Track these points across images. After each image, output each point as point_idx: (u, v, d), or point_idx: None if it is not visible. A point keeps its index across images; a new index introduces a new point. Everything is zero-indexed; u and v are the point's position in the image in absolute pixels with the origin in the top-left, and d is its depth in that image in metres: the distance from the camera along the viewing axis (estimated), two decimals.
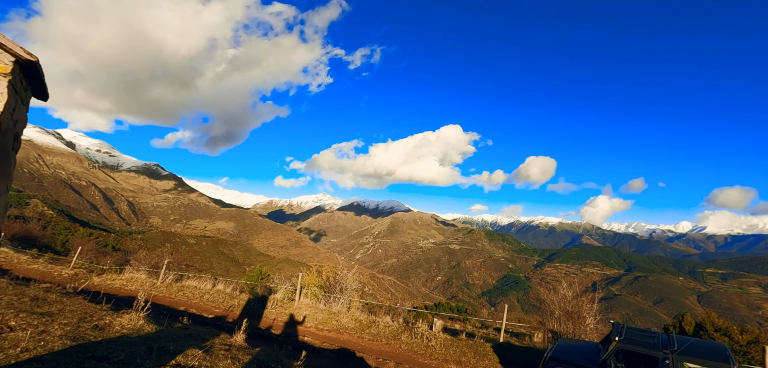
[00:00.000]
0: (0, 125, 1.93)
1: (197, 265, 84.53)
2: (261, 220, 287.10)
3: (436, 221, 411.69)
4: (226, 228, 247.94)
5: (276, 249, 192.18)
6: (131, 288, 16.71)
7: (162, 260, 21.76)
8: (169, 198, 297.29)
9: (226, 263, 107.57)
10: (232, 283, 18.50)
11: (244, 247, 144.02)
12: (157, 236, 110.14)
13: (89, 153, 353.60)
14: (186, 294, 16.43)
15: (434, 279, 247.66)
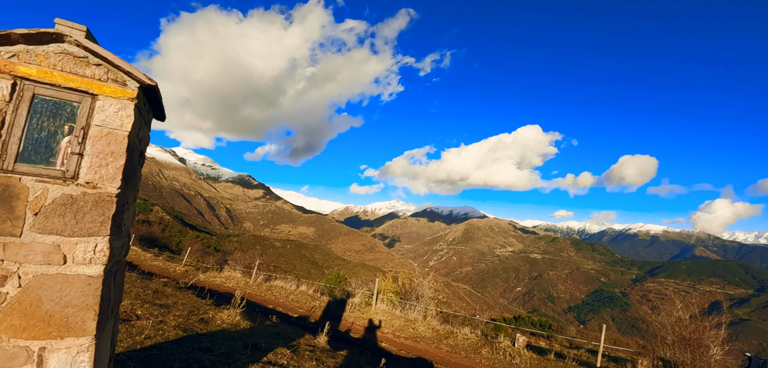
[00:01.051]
0: (128, 143, 2.15)
1: (282, 266, 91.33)
2: (338, 226, 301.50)
3: (514, 228, 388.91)
4: (307, 233, 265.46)
5: (352, 254, 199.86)
6: (229, 286, 18.63)
7: (254, 261, 23.98)
8: (258, 205, 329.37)
9: (307, 266, 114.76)
10: (313, 285, 19.54)
11: (323, 251, 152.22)
12: (249, 239, 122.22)
13: (196, 167, 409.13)
14: (274, 293, 17.79)
15: (513, 290, 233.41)
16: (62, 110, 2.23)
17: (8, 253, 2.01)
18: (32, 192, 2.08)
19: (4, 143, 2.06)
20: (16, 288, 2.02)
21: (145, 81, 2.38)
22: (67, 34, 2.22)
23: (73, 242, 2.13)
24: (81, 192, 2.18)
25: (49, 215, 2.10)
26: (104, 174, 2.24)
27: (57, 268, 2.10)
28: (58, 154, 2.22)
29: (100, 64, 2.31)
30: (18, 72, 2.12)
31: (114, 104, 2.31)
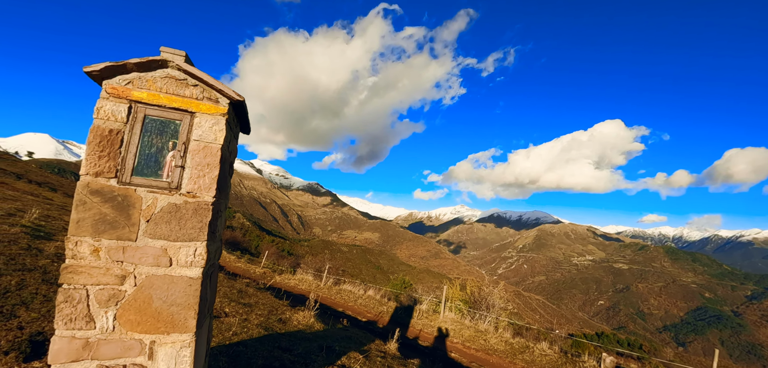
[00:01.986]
0: (221, 155, 2.30)
1: (349, 270, 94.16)
2: (402, 231, 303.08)
3: (594, 235, 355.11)
4: (372, 238, 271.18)
5: (416, 260, 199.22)
6: (302, 288, 19.65)
7: (323, 265, 25.03)
8: (326, 212, 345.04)
9: (372, 271, 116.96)
10: (380, 290, 19.75)
11: (388, 256, 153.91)
12: (319, 244, 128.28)
13: (271, 177, 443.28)
14: (343, 296, 18.35)
15: (594, 304, 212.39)
16: (167, 128, 2.49)
17: (126, 255, 2.29)
18: (145, 201, 2.35)
19: (123, 159, 2.35)
20: (132, 286, 2.29)
21: (234, 97, 2.56)
22: (170, 60, 2.47)
23: (177, 246, 2.36)
24: (183, 201, 2.41)
25: (158, 222, 2.35)
26: (202, 184, 2.45)
27: (164, 270, 2.34)
28: (164, 167, 2.48)
29: (197, 84, 2.54)
30: (132, 96, 2.40)
31: (209, 120, 2.52)
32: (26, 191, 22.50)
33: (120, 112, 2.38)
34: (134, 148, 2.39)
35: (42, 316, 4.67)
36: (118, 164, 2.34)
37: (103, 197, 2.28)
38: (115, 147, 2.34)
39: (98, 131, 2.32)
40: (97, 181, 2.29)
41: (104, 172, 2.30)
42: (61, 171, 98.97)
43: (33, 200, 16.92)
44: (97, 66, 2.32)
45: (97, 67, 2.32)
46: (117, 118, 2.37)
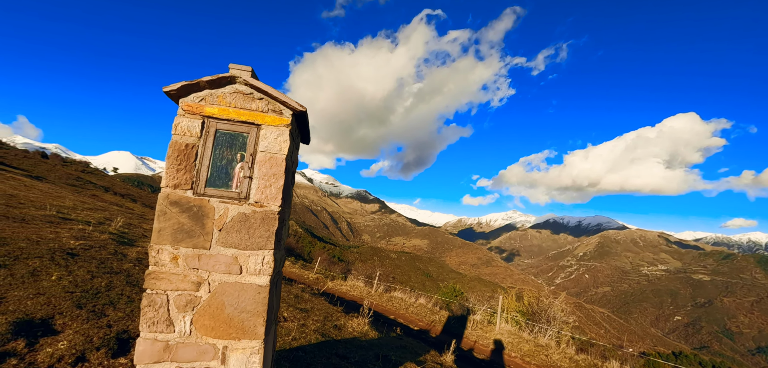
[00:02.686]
0: (286, 165, 2.33)
1: (398, 277, 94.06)
2: (451, 238, 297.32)
3: (667, 242, 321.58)
4: (421, 245, 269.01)
5: (467, 267, 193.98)
6: (353, 294, 19.92)
7: (374, 272, 25.21)
8: (375, 219, 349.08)
9: (421, 278, 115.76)
10: (431, 298, 19.43)
11: (437, 263, 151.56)
12: (368, 251, 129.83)
13: (321, 185, 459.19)
14: (394, 304, 18.29)
15: (670, 319, 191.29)
16: (236, 141, 2.59)
17: (201, 263, 2.41)
18: (217, 212, 2.46)
19: (198, 171, 2.49)
20: (206, 293, 2.40)
21: (297, 108, 2.61)
22: (238, 76, 2.58)
23: (246, 255, 2.44)
24: (251, 211, 2.49)
25: (229, 231, 2.45)
26: (268, 194, 2.52)
27: (235, 277, 2.43)
28: (233, 178, 2.58)
29: (262, 97, 2.63)
30: (205, 112, 2.54)
31: (273, 132, 2.59)
32: (112, 202, 25.34)
33: (194, 127, 2.53)
34: (207, 161, 2.52)
35: (126, 316, 5.14)
36: (194, 176, 2.48)
37: (181, 208, 2.42)
38: (191, 160, 2.48)
39: (176, 145, 2.47)
40: (176, 192, 2.44)
41: (181, 184, 2.45)
42: (139, 184, 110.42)
43: (118, 210, 19.00)
44: (174, 86, 2.49)
45: (174, 86, 2.49)
46: (192, 133, 2.51)
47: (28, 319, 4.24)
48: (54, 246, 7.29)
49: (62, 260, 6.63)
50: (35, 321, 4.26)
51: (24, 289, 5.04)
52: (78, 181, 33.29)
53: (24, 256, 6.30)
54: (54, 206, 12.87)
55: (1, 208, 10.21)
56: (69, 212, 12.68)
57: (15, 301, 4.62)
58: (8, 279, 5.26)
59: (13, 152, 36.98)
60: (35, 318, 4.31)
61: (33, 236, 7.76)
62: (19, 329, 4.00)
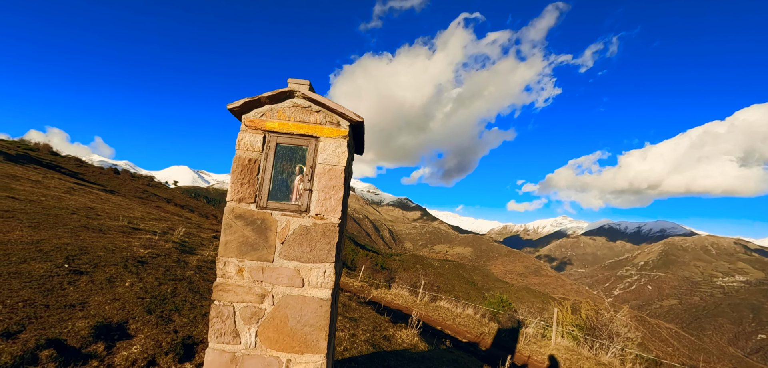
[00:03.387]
0: (344, 177, 2.29)
1: (442, 286, 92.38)
2: (497, 246, 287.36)
3: (745, 249, 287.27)
4: (465, 253, 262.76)
5: (514, 276, 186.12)
6: (398, 303, 19.78)
7: (418, 280, 24.90)
8: (416, 226, 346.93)
9: (466, 287, 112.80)
10: (479, 309, 18.78)
11: (482, 272, 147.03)
12: (410, 258, 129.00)
13: (363, 194, 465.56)
14: (440, 313, 17.89)
15: (752, 337, 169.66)
16: (295, 154, 2.62)
17: (265, 275, 2.44)
18: (279, 224, 2.49)
19: (260, 185, 2.53)
20: (270, 305, 2.42)
21: (354, 119, 2.59)
22: (296, 90, 2.61)
23: (308, 267, 2.44)
24: (312, 223, 2.49)
25: (291, 244, 2.46)
26: (328, 207, 2.51)
27: (298, 290, 2.44)
28: (293, 191, 2.60)
29: (319, 110, 2.64)
30: (266, 127, 2.59)
31: (331, 143, 2.58)
32: (173, 213, 27.36)
33: (256, 142, 2.59)
34: (269, 174, 2.56)
35: (190, 321, 5.42)
36: (257, 190, 2.53)
37: (245, 221, 2.48)
38: (254, 174, 2.54)
39: (240, 160, 2.54)
40: (240, 206, 2.50)
41: (245, 198, 2.50)
42: (196, 195, 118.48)
43: (178, 220, 20.43)
44: (237, 103, 2.56)
45: (237, 103, 2.56)
46: (254, 148, 2.57)
47: (106, 323, 4.60)
48: (126, 254, 7.93)
49: (134, 267, 7.18)
50: (112, 325, 4.61)
51: (102, 294, 5.50)
52: (144, 194, 36.41)
53: (102, 263, 6.89)
54: (125, 217, 14.08)
55: (83, 219, 11.33)
56: (138, 223, 13.81)
57: (95, 306, 5.04)
58: (89, 284, 5.76)
59: (91, 170, 41.27)
60: (112, 322, 4.67)
61: (109, 245, 8.50)
62: (99, 332, 4.35)
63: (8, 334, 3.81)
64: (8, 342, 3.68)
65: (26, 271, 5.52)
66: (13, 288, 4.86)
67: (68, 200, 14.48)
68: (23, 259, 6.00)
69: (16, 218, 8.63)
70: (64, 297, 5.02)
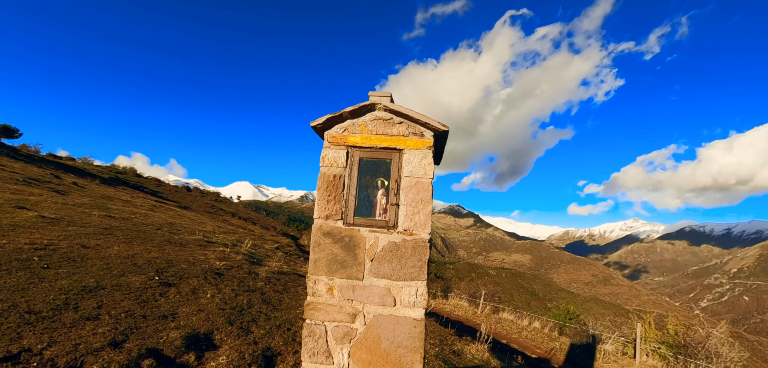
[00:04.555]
0: (432, 189, 2.16)
1: (500, 295, 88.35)
2: (558, 253, 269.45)
3: None
4: (523, 261, 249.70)
5: (579, 286, 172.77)
6: (459, 314, 19.17)
7: (477, 289, 24.02)
8: (470, 233, 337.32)
9: (526, 297, 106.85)
10: (547, 322, 17.59)
11: (543, 281, 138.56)
12: (464, 267, 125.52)
13: None
14: (504, 326, 17.01)
15: None
16: (378, 168, 2.55)
17: (356, 294, 2.38)
18: (367, 241, 2.43)
19: (346, 201, 2.50)
20: (362, 325, 2.36)
21: (439, 128, 2.46)
22: (377, 103, 2.55)
23: (399, 286, 2.34)
24: (401, 239, 2.40)
25: (380, 261, 2.39)
26: (417, 222, 2.40)
27: (389, 309, 2.35)
28: (376, 206, 2.53)
29: (401, 121, 2.55)
30: (348, 142, 2.55)
31: (417, 155, 2.48)
32: (238, 226, 29.24)
33: (340, 158, 2.56)
34: (353, 190, 2.52)
35: (267, 333, 5.62)
36: (343, 206, 2.50)
37: (333, 238, 2.45)
38: (339, 191, 2.51)
39: (324, 177, 2.53)
40: (327, 223, 2.48)
41: (332, 215, 2.48)
42: (257, 209, 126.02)
43: (244, 233, 21.75)
44: (319, 120, 2.56)
45: (319, 120, 2.56)
46: (338, 164, 2.55)
47: (194, 333, 4.89)
48: (205, 267, 8.51)
49: (212, 279, 7.67)
50: (200, 336, 4.89)
51: (189, 305, 5.89)
52: (212, 209, 39.43)
53: (186, 276, 7.44)
54: (200, 231, 15.24)
55: (166, 234, 12.44)
56: (210, 236, 14.87)
57: (184, 317, 5.40)
58: (177, 296, 6.22)
59: (168, 188, 45.66)
60: (200, 333, 4.96)
61: (190, 258, 9.19)
62: (190, 343, 4.63)
63: (115, 343, 4.18)
64: (115, 351, 4.03)
65: (125, 283, 6.11)
66: (116, 300, 5.37)
67: (153, 216, 16.01)
68: (122, 272, 6.66)
69: (114, 235, 9.66)
70: (157, 308, 5.45)
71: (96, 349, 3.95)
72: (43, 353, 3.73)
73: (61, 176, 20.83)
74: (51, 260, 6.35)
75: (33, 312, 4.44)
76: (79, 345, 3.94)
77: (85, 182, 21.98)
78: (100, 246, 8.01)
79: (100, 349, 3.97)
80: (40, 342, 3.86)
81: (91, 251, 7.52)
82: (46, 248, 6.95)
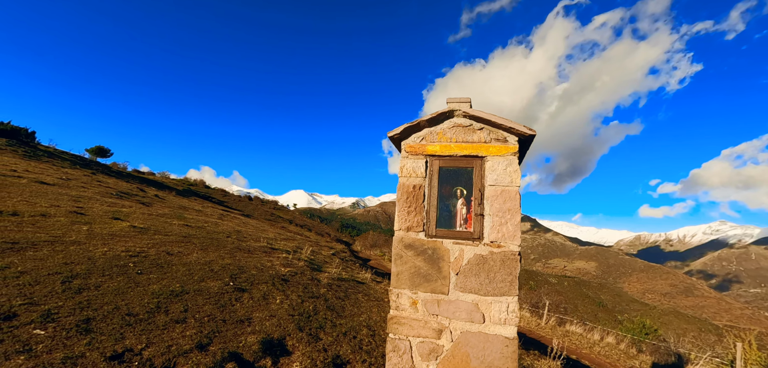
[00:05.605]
0: (520, 198, 2.00)
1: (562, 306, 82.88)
2: (629, 259, 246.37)
3: None
4: (587, 268, 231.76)
5: (655, 296, 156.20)
6: (522, 325, 18.21)
7: (539, 299, 22.69)
8: (526, 238, 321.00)
9: (592, 308, 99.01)
10: (623, 337, 16.09)
11: (612, 290, 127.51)
12: (522, 274, 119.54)
13: None
14: (572, 339, 15.82)
15: None
16: (459, 177, 2.45)
17: (441, 309, 2.30)
18: (452, 254, 2.34)
19: (427, 212, 2.42)
20: (449, 342, 2.26)
21: (525, 132, 2.31)
22: (455, 109, 2.46)
23: (487, 301, 2.22)
24: (489, 252, 2.27)
25: (466, 274, 2.28)
26: (505, 233, 2.26)
27: (478, 326, 2.23)
28: (455, 216, 2.43)
29: (482, 127, 2.43)
30: (427, 151, 2.48)
31: (501, 162, 2.34)
32: (296, 233, 30.53)
33: (419, 168, 2.50)
34: (434, 200, 2.44)
35: (335, 340, 5.71)
36: (424, 217, 2.43)
37: (416, 251, 2.39)
38: (419, 201, 2.45)
39: (404, 188, 2.48)
40: (409, 235, 2.43)
41: (413, 226, 2.42)
42: (311, 216, 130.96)
43: (301, 239, 22.63)
44: (397, 130, 2.52)
45: (397, 130, 2.52)
46: (417, 174, 2.49)
47: (269, 339, 5.11)
48: (272, 273, 8.92)
49: (280, 285, 8.01)
50: (274, 341, 5.10)
51: (261, 311, 6.19)
52: (272, 216, 41.66)
53: (256, 281, 7.86)
54: (263, 238, 16.11)
55: (235, 241, 13.31)
56: (273, 243, 15.65)
57: (258, 322, 5.68)
58: (250, 301, 6.57)
59: (232, 198, 49.15)
60: (273, 338, 5.17)
61: (257, 264, 9.71)
62: (266, 348, 4.84)
63: (201, 346, 4.49)
64: (202, 354, 4.33)
65: (205, 288, 6.58)
66: (198, 304, 5.80)
67: (222, 225, 17.25)
68: (202, 278, 7.19)
69: (192, 242, 10.51)
70: (234, 313, 5.79)
71: (185, 351, 4.27)
72: (142, 353, 4.11)
73: (145, 190, 23.26)
74: (143, 266, 7.05)
75: (132, 314, 4.93)
76: (171, 347, 4.29)
77: (164, 194, 24.34)
78: (181, 253, 8.75)
79: (188, 351, 4.29)
80: (139, 343, 4.26)
81: (175, 257, 8.23)
82: (139, 255, 7.73)
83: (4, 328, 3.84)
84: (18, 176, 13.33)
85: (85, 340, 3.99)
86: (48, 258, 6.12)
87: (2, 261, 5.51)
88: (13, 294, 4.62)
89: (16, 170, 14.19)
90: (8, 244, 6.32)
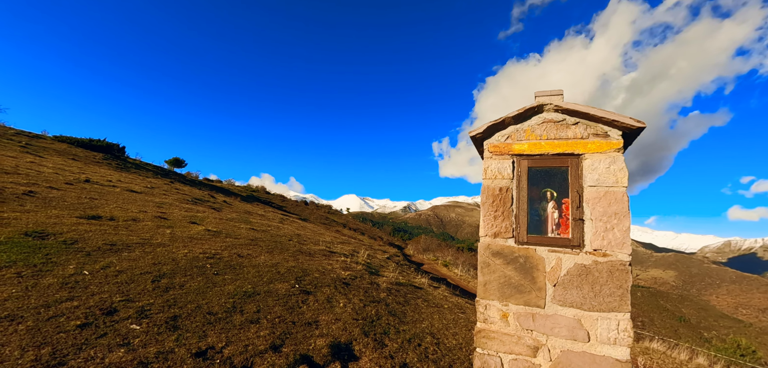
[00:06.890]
0: (628, 200, 1.74)
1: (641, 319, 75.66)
2: (716, 269, 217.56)
3: None
4: (665, 278, 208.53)
5: (751, 312, 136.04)
6: None
7: None
8: None
9: (672, 322, 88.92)
10: (718, 358, 14.18)
11: (695, 304, 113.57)
12: None
13: None
14: (652, 358, 14.21)
15: None
16: (551, 178, 2.24)
17: (536, 324, 2.10)
18: (548, 263, 2.13)
19: (516, 216, 2.24)
20: (547, 361, 2.05)
21: (631, 125, 2.03)
22: (545, 103, 2.24)
23: (593, 317, 1.98)
24: (592, 261, 2.03)
25: (566, 286, 2.06)
26: (611, 240, 2.01)
27: (582, 345, 1.99)
28: (546, 221, 2.21)
29: (577, 122, 2.19)
30: (513, 151, 2.29)
31: (602, 160, 2.09)
32: (350, 236, 31.12)
33: (505, 169, 2.33)
34: (524, 204, 2.25)
35: (400, 347, 5.63)
36: (512, 222, 2.25)
37: (505, 259, 2.21)
38: (507, 205, 2.27)
39: (488, 191, 2.32)
40: (496, 242, 2.26)
41: (501, 232, 2.25)
42: (363, 219, 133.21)
43: (356, 242, 22.97)
44: (479, 128, 2.37)
45: (479, 129, 2.36)
46: (503, 175, 2.32)
47: (336, 343, 5.16)
48: (334, 276, 9.10)
49: (341, 288, 8.13)
50: (341, 345, 5.14)
51: (327, 314, 6.30)
52: (326, 220, 42.97)
53: (319, 284, 8.05)
54: (321, 241, 16.58)
55: (296, 245, 13.84)
56: (330, 246, 16.04)
57: (325, 325, 5.78)
58: (315, 304, 6.72)
59: (290, 203, 51.54)
60: (341, 342, 5.22)
61: (319, 268, 9.97)
62: (334, 351, 4.89)
63: (275, 347, 4.64)
64: (276, 355, 4.47)
65: (274, 290, 6.86)
66: (269, 305, 6.04)
67: (283, 228, 18.07)
68: (270, 280, 7.52)
69: (258, 245, 11.10)
70: (302, 315, 5.95)
71: (261, 351, 4.45)
72: (222, 351, 4.34)
73: (215, 196, 25.17)
74: (218, 267, 7.54)
75: (212, 313, 5.25)
76: (248, 346, 4.49)
77: (231, 200, 26.13)
78: (250, 255, 9.25)
79: (264, 352, 4.46)
80: (220, 341, 4.51)
81: (245, 260, 8.72)
82: (214, 257, 8.29)
83: (107, 322, 4.27)
84: (113, 185, 15.05)
85: (173, 336, 4.31)
86: (139, 259, 6.77)
87: (104, 261, 6.19)
88: (113, 291, 5.14)
89: (111, 181, 16.05)
90: (108, 245, 7.10)
